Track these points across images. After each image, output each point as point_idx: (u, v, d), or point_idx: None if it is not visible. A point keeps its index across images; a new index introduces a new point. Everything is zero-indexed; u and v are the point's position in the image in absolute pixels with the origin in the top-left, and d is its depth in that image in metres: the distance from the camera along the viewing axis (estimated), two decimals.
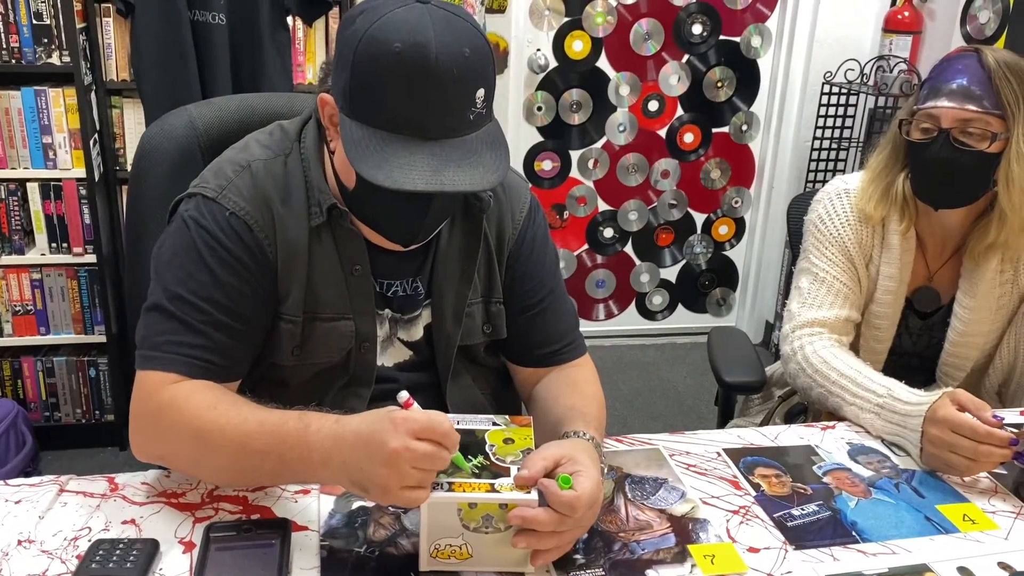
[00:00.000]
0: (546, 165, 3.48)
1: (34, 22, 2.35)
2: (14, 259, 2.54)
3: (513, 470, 0.97)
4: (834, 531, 1.09)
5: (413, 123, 0.99)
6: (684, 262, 3.77)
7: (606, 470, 1.10)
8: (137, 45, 2.44)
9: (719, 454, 1.26)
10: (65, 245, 2.55)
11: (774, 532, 1.09)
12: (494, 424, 1.06)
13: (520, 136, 3.39)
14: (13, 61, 2.37)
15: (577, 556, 1.02)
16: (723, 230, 3.76)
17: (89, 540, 1.00)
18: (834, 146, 3.32)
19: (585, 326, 3.61)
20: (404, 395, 0.94)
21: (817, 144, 3.32)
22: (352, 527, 1.05)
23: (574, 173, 3.52)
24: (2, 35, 2.34)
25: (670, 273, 3.78)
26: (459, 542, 0.97)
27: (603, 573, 1.00)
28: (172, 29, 2.40)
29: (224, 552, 0.97)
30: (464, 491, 0.94)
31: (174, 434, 1.03)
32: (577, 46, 3.32)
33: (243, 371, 1.14)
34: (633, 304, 3.79)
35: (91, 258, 2.57)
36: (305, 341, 1.17)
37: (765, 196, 3.65)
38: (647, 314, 3.82)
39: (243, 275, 1.10)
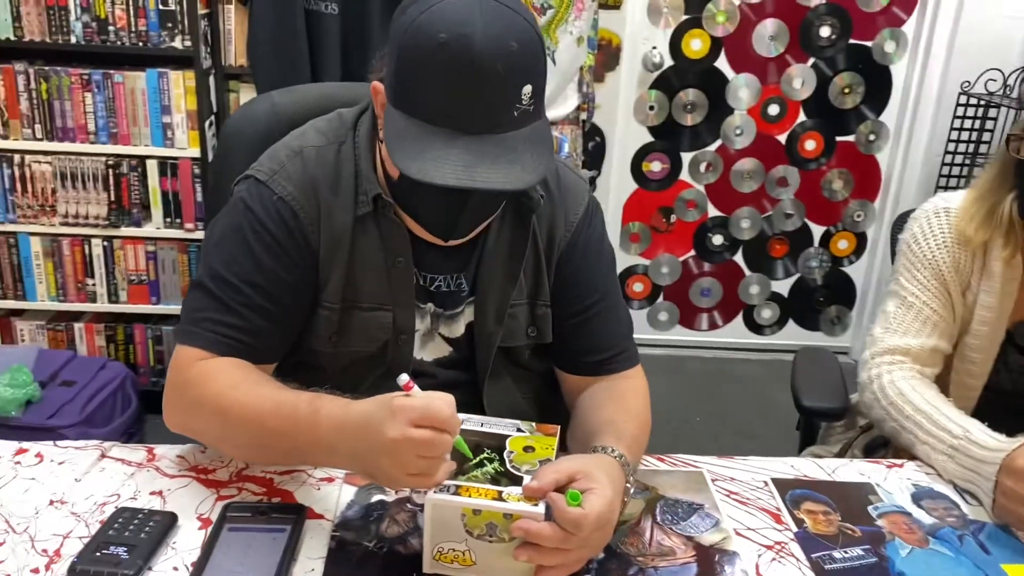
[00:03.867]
0: (655, 166, 3.40)
1: (160, 7, 2.47)
2: (132, 231, 2.68)
3: (527, 479, 0.94)
4: None
5: (453, 116, 0.97)
6: (798, 276, 3.60)
7: (632, 490, 1.04)
8: (253, 32, 2.53)
9: (766, 483, 1.18)
10: (178, 220, 2.67)
11: (808, 574, 1.00)
12: (518, 430, 1.03)
13: (629, 135, 3.32)
14: (140, 44, 2.51)
15: None
16: (843, 244, 3.56)
17: (116, 507, 1.03)
18: (967, 162, 3.08)
19: (685, 335, 3.50)
20: (404, 378, 0.91)
21: (949, 159, 3.10)
22: (367, 520, 1.04)
23: (684, 176, 3.42)
24: (132, 19, 2.48)
25: (782, 286, 3.62)
26: (462, 547, 0.94)
27: None
28: (286, 17, 2.47)
29: (235, 532, 0.98)
30: (470, 496, 0.92)
31: (198, 408, 1.06)
32: (695, 45, 3.22)
33: (278, 355, 1.15)
34: (740, 316, 3.64)
35: (201, 235, 2.68)
36: (343, 329, 1.17)
37: (890, 211, 3.43)
38: (754, 327, 3.66)
39: (285, 261, 1.11)
